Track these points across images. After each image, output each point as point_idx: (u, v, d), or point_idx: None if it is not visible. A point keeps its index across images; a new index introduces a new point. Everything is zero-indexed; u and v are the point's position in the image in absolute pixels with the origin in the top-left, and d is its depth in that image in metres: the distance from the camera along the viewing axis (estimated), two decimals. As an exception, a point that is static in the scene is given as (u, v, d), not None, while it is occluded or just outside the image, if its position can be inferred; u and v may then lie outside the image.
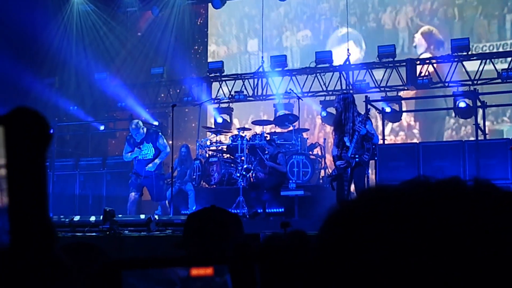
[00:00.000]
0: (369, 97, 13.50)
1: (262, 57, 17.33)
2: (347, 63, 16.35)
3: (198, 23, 20.40)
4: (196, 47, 20.26)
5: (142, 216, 9.64)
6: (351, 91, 14.44)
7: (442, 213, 0.74)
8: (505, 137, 14.76)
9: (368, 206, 0.79)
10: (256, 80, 17.39)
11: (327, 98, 16.56)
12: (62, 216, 10.33)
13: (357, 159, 9.07)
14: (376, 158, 9.50)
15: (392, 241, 0.73)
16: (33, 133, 0.98)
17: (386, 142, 14.52)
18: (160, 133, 12.08)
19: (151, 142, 11.70)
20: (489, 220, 0.73)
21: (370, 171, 9.80)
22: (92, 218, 9.60)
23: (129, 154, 11.94)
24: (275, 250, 0.85)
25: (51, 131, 1.00)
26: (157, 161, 11.61)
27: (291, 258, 0.85)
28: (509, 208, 0.75)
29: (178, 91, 17.89)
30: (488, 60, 15.11)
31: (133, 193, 11.87)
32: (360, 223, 0.77)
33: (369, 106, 13.09)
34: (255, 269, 0.86)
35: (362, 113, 9.72)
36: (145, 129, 11.91)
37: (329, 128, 16.54)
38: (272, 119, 15.46)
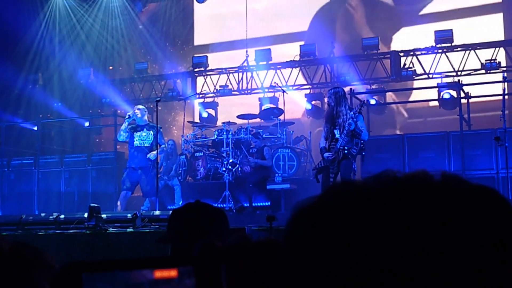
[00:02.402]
0: (354, 90, 13.51)
1: (247, 51, 17.29)
2: (332, 55, 16.35)
3: (183, 17, 20.31)
4: (181, 42, 20.20)
5: (128, 213, 9.59)
6: (336, 84, 14.44)
7: (409, 208, 0.73)
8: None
9: (335, 203, 0.77)
10: (241, 74, 17.37)
11: (312, 91, 16.59)
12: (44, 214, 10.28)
13: (345, 151, 9.06)
14: (364, 153, 9.46)
15: (360, 238, 0.72)
16: None
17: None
18: (161, 129, 11.89)
19: (153, 131, 11.45)
20: (455, 215, 0.73)
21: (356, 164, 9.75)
22: (79, 215, 9.56)
23: (124, 134, 11.61)
24: (242, 250, 0.83)
25: None
26: (156, 153, 11.27)
27: (259, 260, 0.83)
28: (475, 202, 0.75)
29: (162, 86, 17.85)
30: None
31: (124, 192, 11.64)
32: (327, 220, 0.75)
33: (357, 100, 13.07)
34: (221, 270, 0.84)
35: (354, 107, 9.69)
36: (147, 120, 11.75)
37: (310, 121, 16.59)
38: (257, 113, 15.43)
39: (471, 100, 13.37)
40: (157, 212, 9.82)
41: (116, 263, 0.89)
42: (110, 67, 19.11)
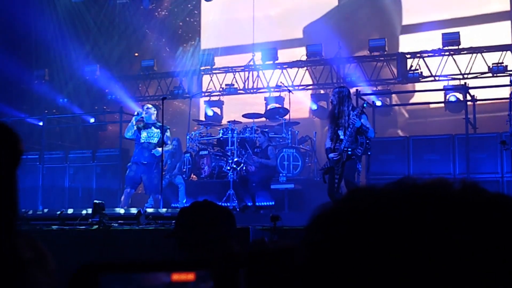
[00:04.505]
0: (360, 91, 13.50)
1: (253, 51, 17.29)
2: (338, 56, 16.34)
3: (190, 16, 20.31)
4: (188, 39, 20.20)
5: (133, 210, 9.60)
6: (342, 84, 14.42)
7: (414, 212, 0.74)
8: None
9: (344, 208, 0.79)
10: (247, 73, 17.37)
11: (318, 91, 16.59)
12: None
13: (349, 152, 9.01)
14: (369, 153, 9.42)
15: (362, 241, 0.73)
16: (4, 149, 0.96)
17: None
18: (168, 129, 11.87)
19: (160, 129, 11.47)
20: (459, 219, 0.73)
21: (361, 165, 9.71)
22: (83, 212, 9.57)
23: (131, 132, 11.63)
24: (260, 256, 0.84)
25: (22, 147, 0.99)
26: (161, 149, 11.30)
27: (276, 266, 0.83)
28: (494, 212, 0.75)
29: (169, 83, 17.87)
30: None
31: (128, 189, 11.64)
32: (334, 225, 0.76)
33: (362, 101, 13.06)
34: (239, 275, 0.84)
35: (357, 107, 9.66)
36: (155, 119, 11.75)
37: (318, 120, 16.58)
38: (262, 112, 15.43)
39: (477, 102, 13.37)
40: (162, 210, 9.82)
41: (134, 265, 0.89)
42: (136, 54, 19.25)
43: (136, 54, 19.31)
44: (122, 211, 9.93)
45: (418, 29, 17.37)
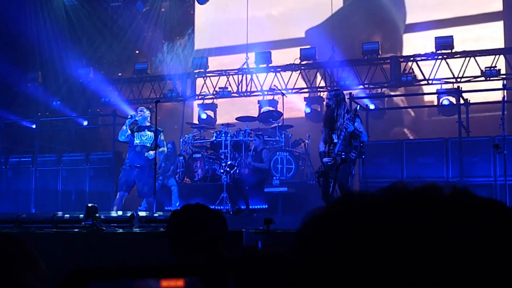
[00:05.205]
0: (353, 94, 13.52)
1: (247, 53, 17.29)
2: (332, 59, 16.35)
3: (184, 18, 20.31)
4: (182, 43, 20.20)
5: (126, 213, 9.57)
6: (335, 88, 14.43)
7: (412, 213, 0.74)
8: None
9: (341, 210, 0.79)
10: (240, 76, 17.37)
11: (311, 95, 16.60)
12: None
13: (343, 156, 9.01)
14: (363, 156, 9.42)
15: (362, 241, 0.74)
16: None
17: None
18: (162, 132, 11.81)
19: (153, 132, 11.42)
20: (458, 219, 0.73)
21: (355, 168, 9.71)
22: (81, 215, 9.53)
23: (125, 135, 11.55)
24: (250, 261, 0.84)
25: None
26: (154, 152, 11.27)
27: (267, 270, 0.83)
28: (478, 208, 0.75)
29: (162, 86, 17.85)
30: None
31: (121, 192, 11.59)
32: (332, 226, 0.77)
33: (356, 104, 13.08)
34: (229, 281, 0.84)
35: (351, 110, 9.65)
36: (149, 122, 11.71)
37: (310, 125, 16.58)
38: (256, 115, 15.42)
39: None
40: (155, 213, 9.80)
41: (123, 271, 0.88)
42: (137, 51, 19.26)
43: (137, 52, 19.33)
44: (115, 214, 9.91)
45: (411, 30, 17.43)
